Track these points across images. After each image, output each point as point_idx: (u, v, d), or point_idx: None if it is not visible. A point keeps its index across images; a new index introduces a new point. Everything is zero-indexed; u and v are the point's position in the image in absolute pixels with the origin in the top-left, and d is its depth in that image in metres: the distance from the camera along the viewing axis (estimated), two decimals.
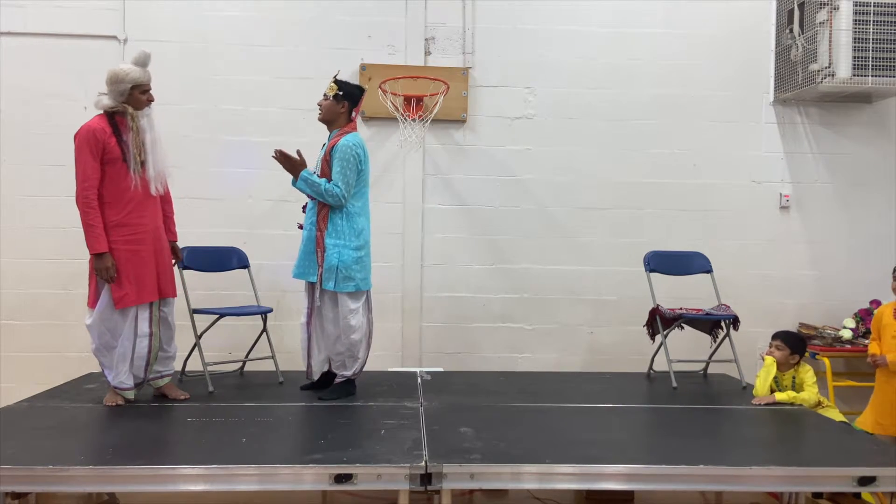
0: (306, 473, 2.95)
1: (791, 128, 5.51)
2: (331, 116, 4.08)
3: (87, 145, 3.68)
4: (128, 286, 3.77)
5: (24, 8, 5.13)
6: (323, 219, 3.99)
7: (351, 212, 4.01)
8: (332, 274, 3.95)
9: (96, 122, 3.75)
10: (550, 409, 3.98)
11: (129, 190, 3.75)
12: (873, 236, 5.48)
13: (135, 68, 3.76)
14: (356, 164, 3.98)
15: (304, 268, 4.04)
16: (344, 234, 3.98)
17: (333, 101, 4.05)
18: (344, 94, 4.05)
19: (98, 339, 3.83)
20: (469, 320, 5.39)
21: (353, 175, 3.97)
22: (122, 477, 2.94)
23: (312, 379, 4.20)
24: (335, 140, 4.03)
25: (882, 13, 4.87)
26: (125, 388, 3.87)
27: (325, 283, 3.97)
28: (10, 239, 5.15)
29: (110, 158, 3.72)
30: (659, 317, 4.68)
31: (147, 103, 3.81)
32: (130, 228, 3.78)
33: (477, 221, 5.40)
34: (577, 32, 5.41)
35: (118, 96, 3.75)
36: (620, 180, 5.42)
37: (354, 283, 3.99)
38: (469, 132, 5.38)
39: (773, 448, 3.31)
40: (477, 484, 3.09)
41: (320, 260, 3.97)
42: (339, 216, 3.98)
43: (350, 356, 4.05)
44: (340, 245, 3.97)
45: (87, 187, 3.70)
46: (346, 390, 4.08)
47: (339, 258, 3.96)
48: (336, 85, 4.05)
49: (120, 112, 3.76)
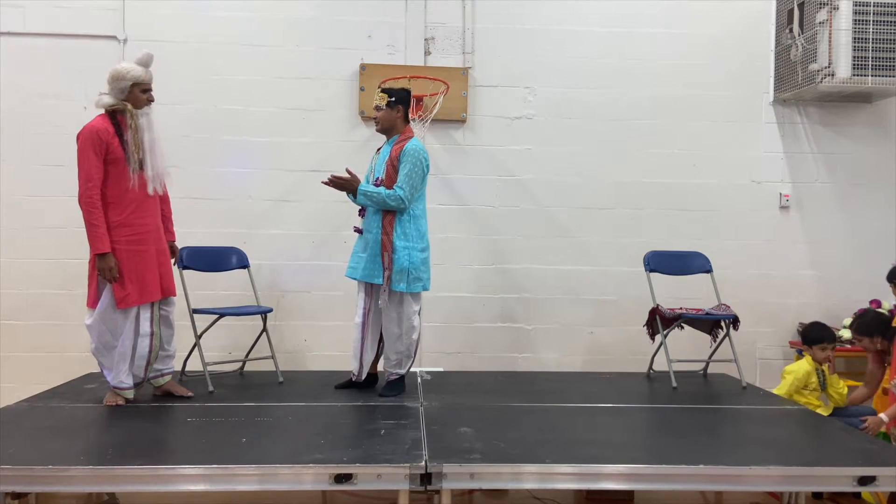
0: (306, 473, 2.94)
1: (791, 128, 5.51)
2: (389, 124, 4.15)
3: (91, 145, 3.68)
4: (130, 286, 3.78)
5: (24, 8, 5.13)
6: (390, 222, 4.05)
7: (416, 214, 4.10)
8: (404, 276, 4.03)
9: (99, 121, 3.75)
10: (550, 409, 3.98)
11: (129, 190, 3.76)
12: (873, 236, 5.48)
13: (136, 67, 3.77)
14: (422, 170, 4.07)
15: (370, 270, 4.07)
16: (412, 236, 4.08)
17: (389, 110, 4.11)
18: (396, 99, 4.12)
19: (98, 340, 3.83)
20: (469, 320, 5.39)
21: (419, 180, 4.07)
22: (122, 477, 2.94)
23: (360, 379, 4.24)
24: (400, 144, 4.09)
25: (882, 13, 4.87)
26: (124, 388, 3.87)
27: (395, 284, 4.03)
28: (10, 239, 5.15)
29: (113, 158, 3.72)
30: (659, 317, 4.68)
31: (147, 102, 3.82)
32: (133, 228, 3.79)
33: (477, 221, 5.41)
34: (577, 32, 5.41)
35: (119, 94, 3.76)
36: (620, 180, 5.43)
37: (422, 283, 4.14)
38: (469, 132, 5.39)
39: (773, 448, 3.30)
40: (477, 484, 3.09)
41: (388, 262, 4.02)
42: (407, 219, 4.07)
43: (407, 355, 4.17)
44: (410, 247, 4.06)
45: (91, 187, 3.70)
46: (402, 387, 4.20)
47: (410, 260, 4.05)
48: (385, 94, 4.12)
49: (121, 111, 3.76)
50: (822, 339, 4.32)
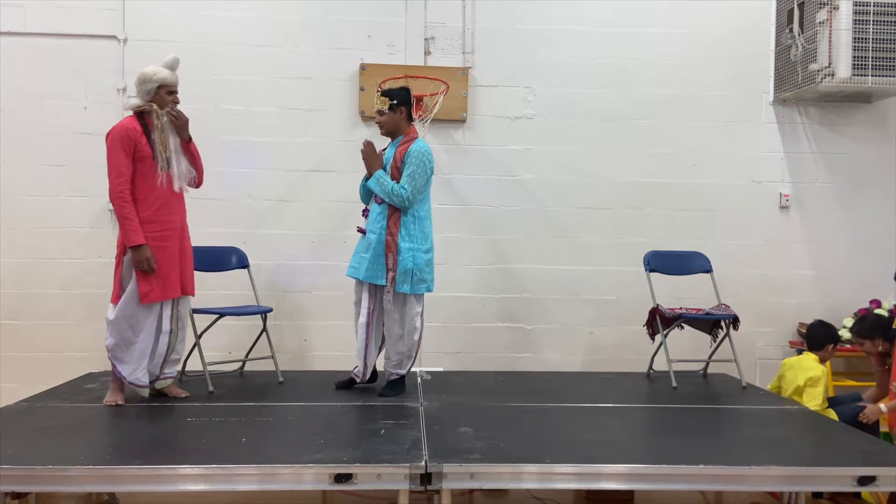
0: (306, 473, 2.94)
1: (791, 127, 5.51)
2: (394, 127, 4.14)
3: (120, 143, 3.79)
4: (154, 282, 3.84)
5: (24, 8, 5.13)
6: (395, 223, 4.04)
7: (420, 216, 4.10)
8: (408, 277, 4.03)
9: (128, 121, 3.87)
10: (550, 409, 3.98)
11: (157, 187, 3.85)
12: (873, 236, 5.48)
13: (162, 69, 3.88)
14: (427, 171, 4.08)
15: (373, 270, 4.05)
16: (416, 237, 4.07)
17: (391, 113, 4.10)
18: (398, 101, 4.11)
19: (119, 335, 3.84)
20: (469, 320, 5.39)
21: (423, 181, 4.07)
22: (122, 477, 2.94)
23: (365, 379, 4.24)
24: (405, 146, 4.09)
25: (882, 13, 4.87)
26: (141, 386, 3.89)
27: (399, 285, 4.03)
28: (10, 239, 5.14)
29: (141, 156, 3.82)
30: (659, 316, 4.68)
31: (172, 104, 3.92)
32: (159, 225, 3.86)
33: (477, 221, 5.41)
34: (577, 32, 5.41)
35: (145, 95, 3.88)
36: (620, 180, 5.43)
37: (426, 284, 4.13)
38: (469, 132, 5.39)
39: (773, 448, 3.30)
40: (477, 484, 3.09)
41: (392, 263, 4.02)
42: (411, 220, 4.06)
43: (408, 356, 4.17)
44: (414, 249, 4.06)
45: (121, 182, 3.79)
46: (402, 387, 4.20)
47: (414, 261, 4.05)
48: (386, 97, 4.11)
49: (148, 112, 3.87)
50: (834, 338, 4.41)
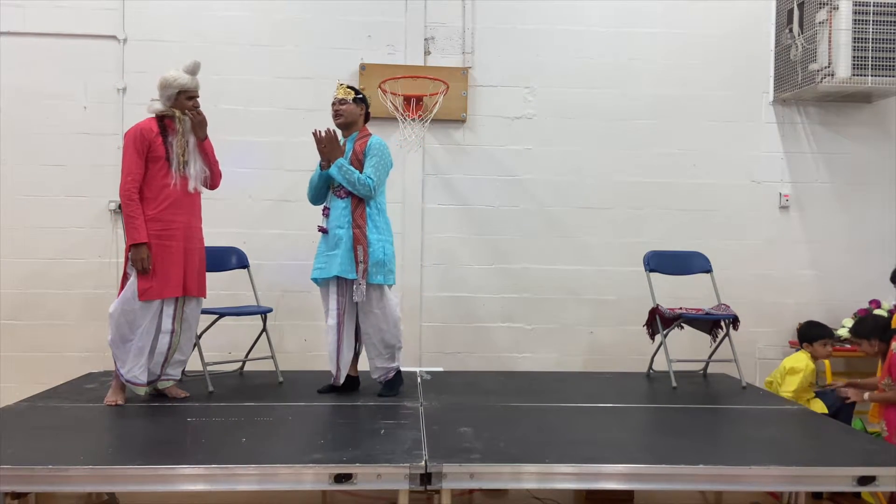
0: (306, 473, 2.94)
1: (791, 127, 5.51)
2: (353, 118, 4.15)
3: (133, 143, 3.86)
4: (153, 279, 3.85)
5: (24, 8, 5.13)
6: (360, 216, 4.04)
7: (382, 208, 4.14)
8: (381, 268, 4.04)
9: (146, 122, 3.94)
10: (550, 409, 3.98)
11: (167, 187, 3.90)
12: (873, 236, 5.49)
13: (183, 74, 3.95)
14: (388, 164, 4.13)
15: (346, 265, 4.00)
16: (382, 228, 4.11)
17: (354, 105, 4.12)
18: (362, 97, 4.17)
19: (116, 330, 3.87)
20: (469, 320, 5.39)
21: (385, 172, 4.12)
22: (122, 477, 2.94)
23: (339, 383, 4.16)
24: (364, 140, 4.12)
25: (882, 13, 4.87)
26: (137, 384, 3.89)
27: (372, 276, 4.01)
28: (10, 239, 5.14)
29: (154, 157, 3.88)
30: (659, 316, 4.68)
31: (192, 108, 3.97)
32: (163, 224, 3.88)
33: (477, 221, 5.40)
34: (577, 32, 5.41)
35: (166, 101, 3.96)
36: (620, 180, 5.42)
37: (393, 275, 4.16)
38: (469, 132, 5.39)
39: (773, 448, 3.30)
40: (477, 484, 3.09)
41: (363, 256, 4.00)
42: (376, 212, 4.09)
43: (398, 347, 4.18)
44: (383, 240, 4.09)
45: (130, 181, 3.85)
46: (400, 380, 4.21)
47: (384, 252, 4.07)
48: (351, 90, 4.14)
49: (169, 116, 3.94)
50: (823, 335, 4.43)
